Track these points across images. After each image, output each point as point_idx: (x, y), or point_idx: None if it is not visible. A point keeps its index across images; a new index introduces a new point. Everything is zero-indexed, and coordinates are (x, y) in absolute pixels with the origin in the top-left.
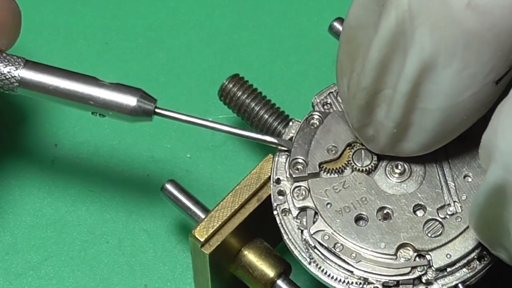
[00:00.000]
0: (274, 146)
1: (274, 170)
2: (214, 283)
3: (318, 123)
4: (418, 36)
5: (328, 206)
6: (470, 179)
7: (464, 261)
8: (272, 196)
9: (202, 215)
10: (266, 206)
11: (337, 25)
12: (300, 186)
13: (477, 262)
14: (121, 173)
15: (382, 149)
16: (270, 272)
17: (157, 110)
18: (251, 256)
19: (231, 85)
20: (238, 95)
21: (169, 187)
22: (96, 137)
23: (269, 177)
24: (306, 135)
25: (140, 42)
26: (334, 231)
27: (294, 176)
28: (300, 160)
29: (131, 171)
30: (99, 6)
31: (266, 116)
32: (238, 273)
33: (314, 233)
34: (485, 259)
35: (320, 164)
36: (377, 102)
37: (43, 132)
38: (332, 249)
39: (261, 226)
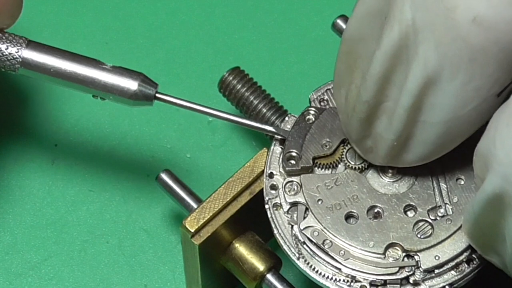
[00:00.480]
0: (271, 134)
1: (268, 164)
2: (204, 275)
3: (313, 119)
4: (422, 50)
5: (319, 202)
6: (462, 182)
7: (453, 263)
8: (264, 190)
9: (195, 206)
10: (259, 199)
11: (340, 22)
12: (292, 181)
13: (466, 265)
14: (121, 173)
15: (381, 161)
16: (260, 266)
17: (158, 95)
18: (241, 249)
19: (231, 78)
20: (238, 87)
21: (164, 176)
22: (96, 137)
23: (263, 171)
24: (301, 129)
25: (140, 42)
26: (324, 227)
27: (287, 169)
28: (294, 154)
29: (131, 171)
30: (99, 6)
31: (264, 110)
32: (229, 265)
33: (304, 228)
34: (474, 262)
35: (313, 158)
36: (377, 114)
37: (43, 132)
38: (321, 245)
39: (253, 219)
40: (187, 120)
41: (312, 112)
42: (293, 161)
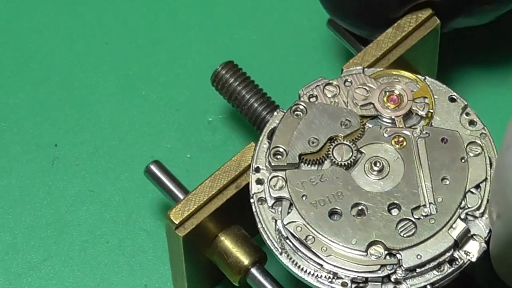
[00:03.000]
0: None
1: (255, 158)
2: (189, 267)
3: (302, 114)
4: None
5: (304, 198)
6: (447, 182)
7: (435, 263)
8: (250, 184)
9: (182, 198)
10: (245, 193)
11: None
12: (277, 176)
13: (448, 265)
14: (121, 173)
15: None
16: (245, 260)
17: None
18: (227, 242)
19: (224, 72)
20: (230, 81)
21: (153, 168)
22: (96, 137)
23: (249, 165)
24: (289, 124)
25: (140, 42)
26: (307, 223)
27: (273, 164)
28: (280, 149)
29: (131, 171)
30: (99, 6)
31: (256, 105)
32: (214, 258)
33: (287, 224)
34: (457, 262)
35: (300, 155)
36: None
37: (43, 132)
38: (304, 241)
39: (240, 213)
40: (187, 120)
41: (301, 107)
42: (279, 157)
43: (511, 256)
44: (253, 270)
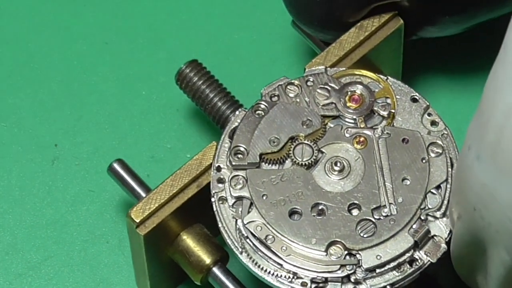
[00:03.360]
0: None
1: (216, 157)
2: (151, 266)
3: (263, 113)
4: None
5: (264, 197)
6: (408, 182)
7: (394, 263)
8: (211, 183)
9: (144, 196)
10: (207, 193)
11: None
12: (238, 175)
13: (408, 266)
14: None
15: None
16: (207, 259)
17: None
18: (189, 241)
19: (188, 70)
20: (194, 80)
21: (116, 166)
22: (96, 137)
23: (211, 164)
24: (251, 123)
25: (140, 42)
26: (267, 222)
27: (233, 163)
28: (241, 148)
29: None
30: (99, 6)
31: (219, 104)
32: (176, 257)
33: (248, 223)
34: (417, 263)
35: (260, 154)
36: None
37: (43, 132)
38: (264, 240)
39: (202, 212)
40: (187, 120)
41: (262, 106)
42: (240, 156)
43: (471, 257)
44: (215, 269)
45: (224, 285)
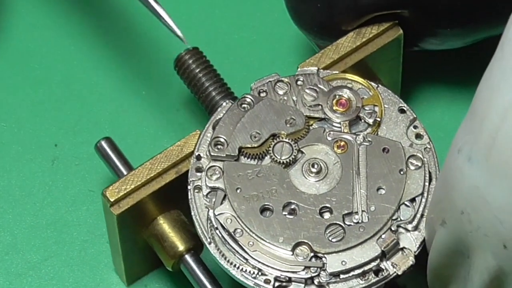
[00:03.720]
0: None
1: (197, 146)
2: (125, 246)
3: (248, 107)
4: None
5: (238, 191)
6: (383, 192)
7: (359, 271)
8: (189, 171)
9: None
10: (186, 180)
11: None
12: (215, 166)
13: (373, 275)
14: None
15: None
16: (180, 245)
17: None
18: (165, 226)
19: (187, 57)
20: (192, 68)
21: (104, 144)
22: (96, 137)
23: (192, 152)
24: (235, 116)
25: (141, 42)
26: (238, 216)
27: (212, 154)
28: (221, 140)
29: None
30: (99, 6)
31: (213, 93)
32: (150, 240)
33: (218, 214)
34: (383, 273)
35: (240, 148)
36: None
37: (43, 132)
38: (232, 233)
39: (183, 199)
40: (187, 120)
41: (248, 100)
42: (220, 147)
43: (449, 267)
44: (187, 257)
45: (194, 273)
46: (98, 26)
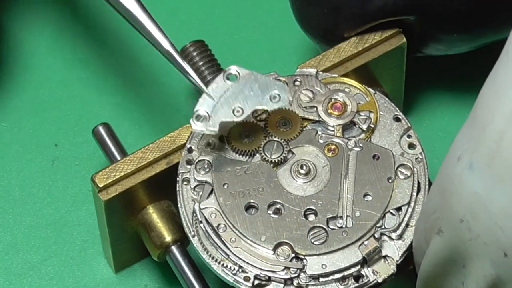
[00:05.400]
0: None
1: (190, 138)
2: (113, 233)
3: (231, 82)
4: None
5: (225, 186)
6: (369, 198)
7: (339, 275)
8: (180, 163)
9: None
10: (176, 172)
11: None
12: (205, 160)
13: (353, 281)
14: None
15: None
16: (167, 236)
17: None
18: (153, 216)
19: (192, 49)
20: (195, 60)
21: (101, 129)
22: None
23: (184, 144)
24: (219, 89)
25: (140, 42)
26: (222, 211)
27: (193, 128)
28: (203, 113)
29: None
30: (99, 6)
31: None
32: (139, 229)
33: (204, 208)
34: (362, 280)
35: (221, 123)
36: None
37: (43, 132)
38: (215, 228)
39: (172, 190)
40: (187, 120)
41: (233, 72)
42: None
43: (442, 278)
44: (174, 248)
45: (179, 265)
46: (98, 26)
